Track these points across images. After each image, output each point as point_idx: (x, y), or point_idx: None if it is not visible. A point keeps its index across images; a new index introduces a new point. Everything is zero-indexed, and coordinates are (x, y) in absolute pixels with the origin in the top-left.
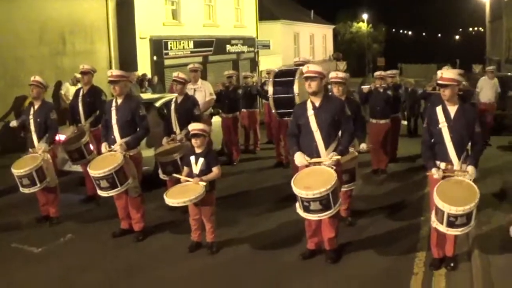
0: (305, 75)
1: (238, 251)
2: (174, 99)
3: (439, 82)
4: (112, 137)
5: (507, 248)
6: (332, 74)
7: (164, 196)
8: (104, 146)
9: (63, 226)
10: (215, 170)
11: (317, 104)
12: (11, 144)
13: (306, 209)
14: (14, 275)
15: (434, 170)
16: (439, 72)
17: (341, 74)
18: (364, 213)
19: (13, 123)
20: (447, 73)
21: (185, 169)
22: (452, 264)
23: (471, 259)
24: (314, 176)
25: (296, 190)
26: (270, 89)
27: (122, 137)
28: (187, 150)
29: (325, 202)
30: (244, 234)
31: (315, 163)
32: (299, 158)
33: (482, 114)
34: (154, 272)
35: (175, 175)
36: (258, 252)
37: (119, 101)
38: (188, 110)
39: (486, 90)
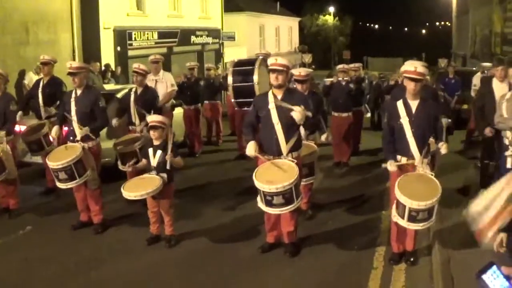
0: (273, 67)
1: (197, 244)
2: (134, 90)
3: (412, 76)
4: (71, 128)
5: (467, 244)
6: (295, 72)
7: (122, 189)
8: (54, 131)
9: (22, 218)
10: (178, 158)
11: (279, 97)
12: None
13: (269, 203)
14: None
15: (388, 163)
16: (409, 66)
17: (303, 72)
18: (324, 206)
19: None
20: (421, 68)
21: (143, 161)
22: (412, 259)
23: (431, 253)
24: (275, 170)
25: (259, 184)
26: (229, 78)
27: (81, 128)
28: (147, 141)
29: (288, 196)
30: (203, 227)
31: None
32: (250, 149)
33: None
34: (113, 265)
35: (124, 166)
36: (217, 246)
37: (79, 92)
38: (149, 101)
39: None
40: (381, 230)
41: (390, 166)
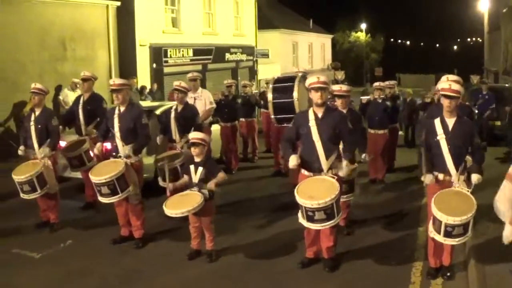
0: (316, 85)
1: (237, 259)
2: (174, 107)
3: (447, 93)
4: (114, 144)
5: (503, 258)
6: (336, 87)
7: (164, 207)
8: (97, 147)
9: (63, 232)
10: (220, 174)
11: (319, 115)
12: (12, 149)
13: (310, 219)
14: (14, 280)
15: (425, 176)
16: (444, 83)
17: (344, 88)
18: (362, 223)
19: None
20: (455, 85)
21: (185, 177)
22: (448, 274)
23: (467, 268)
24: (316, 186)
25: (300, 200)
26: (269, 95)
27: (124, 144)
28: (186, 158)
29: (329, 212)
30: (242, 242)
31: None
32: (294, 161)
33: None
34: (153, 279)
35: (164, 183)
36: (256, 261)
37: (122, 108)
38: (188, 118)
39: None
40: (418, 245)
41: (427, 178)
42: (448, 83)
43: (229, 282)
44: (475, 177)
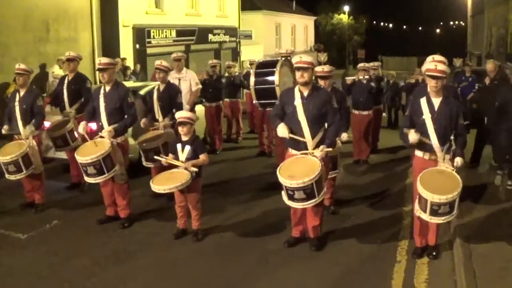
0: (299, 65)
1: (223, 238)
2: (156, 87)
3: (433, 74)
4: (100, 124)
5: (488, 237)
6: (318, 69)
7: (151, 183)
8: (81, 126)
9: (48, 213)
10: (202, 156)
11: (305, 93)
12: None
13: (291, 198)
14: (3, 261)
15: (410, 132)
16: (430, 64)
17: (327, 68)
18: (347, 202)
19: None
20: (441, 65)
21: (171, 156)
22: (434, 253)
23: (453, 248)
24: (299, 165)
25: (281, 179)
26: (251, 79)
27: (109, 124)
28: (169, 137)
29: (309, 191)
30: (228, 222)
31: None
32: (282, 130)
33: None
34: (140, 259)
35: (162, 156)
36: (243, 240)
37: (108, 88)
38: (171, 98)
39: None
40: (403, 225)
41: (411, 135)
42: (433, 63)
43: (216, 260)
44: (458, 160)
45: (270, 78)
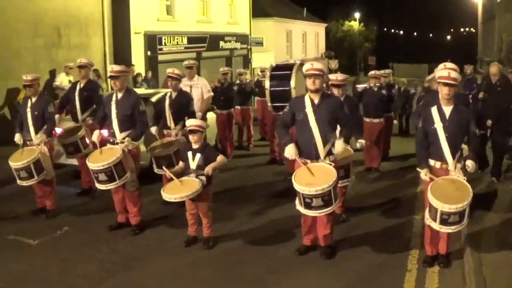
0: (310, 72)
1: (234, 245)
2: (168, 95)
3: (446, 81)
4: (111, 130)
5: (499, 246)
6: (332, 77)
7: (162, 191)
8: (95, 135)
9: (59, 219)
10: (219, 158)
11: (316, 101)
12: (6, 136)
13: (308, 206)
14: (11, 266)
15: (423, 172)
16: (442, 71)
17: (340, 77)
18: (358, 211)
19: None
20: (454, 73)
21: (180, 163)
22: (445, 262)
23: (463, 256)
24: (314, 172)
25: (298, 187)
26: (267, 82)
27: (121, 130)
28: (181, 145)
29: (327, 198)
30: (238, 229)
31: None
32: (290, 150)
33: None
34: (150, 266)
35: (164, 169)
36: (253, 247)
37: (119, 95)
38: (183, 105)
39: None
40: (413, 233)
41: (425, 175)
42: (446, 70)
43: (226, 268)
44: (470, 164)
45: (286, 80)
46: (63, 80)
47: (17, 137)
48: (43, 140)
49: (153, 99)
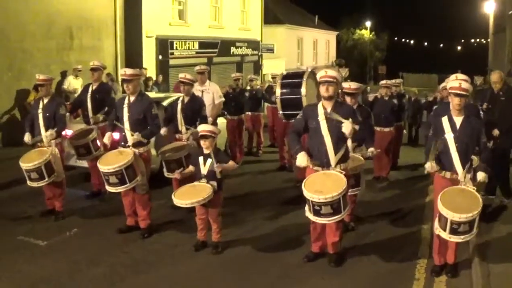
0: (324, 79)
1: (243, 251)
2: (181, 99)
3: (457, 92)
4: (123, 133)
5: (507, 257)
6: (345, 85)
7: (173, 197)
8: (107, 137)
9: (68, 221)
10: (231, 162)
11: (328, 109)
12: (16, 136)
13: (317, 213)
14: (20, 267)
15: (428, 164)
16: (454, 82)
17: (354, 85)
18: (366, 219)
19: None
20: (465, 84)
21: (190, 167)
22: (453, 271)
23: (471, 266)
24: (324, 180)
25: (308, 194)
26: (277, 90)
27: (133, 134)
28: (192, 149)
29: (336, 206)
30: (248, 235)
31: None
32: (301, 159)
33: None
34: (159, 269)
35: (177, 172)
36: (262, 253)
37: (132, 98)
38: (195, 110)
39: None
40: (422, 243)
41: (431, 167)
42: (458, 81)
43: (235, 273)
44: (481, 175)
45: (297, 88)
46: (71, 83)
47: (27, 137)
48: (53, 136)
49: (165, 103)
